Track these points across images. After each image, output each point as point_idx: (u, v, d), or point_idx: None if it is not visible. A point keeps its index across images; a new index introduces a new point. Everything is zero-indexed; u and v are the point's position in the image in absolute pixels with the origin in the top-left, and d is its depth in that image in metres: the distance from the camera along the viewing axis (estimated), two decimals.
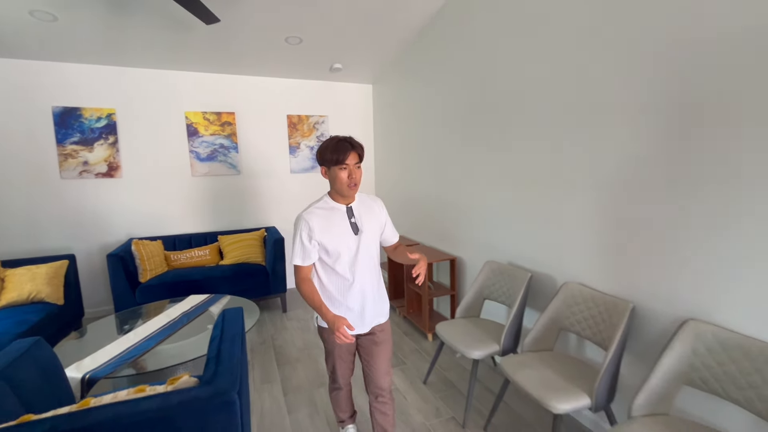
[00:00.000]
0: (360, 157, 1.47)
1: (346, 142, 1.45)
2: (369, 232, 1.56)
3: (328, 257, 1.50)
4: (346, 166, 1.44)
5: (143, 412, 1.00)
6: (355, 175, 1.46)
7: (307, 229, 1.47)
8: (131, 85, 3.57)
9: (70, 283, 3.03)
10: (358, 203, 1.57)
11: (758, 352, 1.25)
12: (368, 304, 1.57)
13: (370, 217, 1.58)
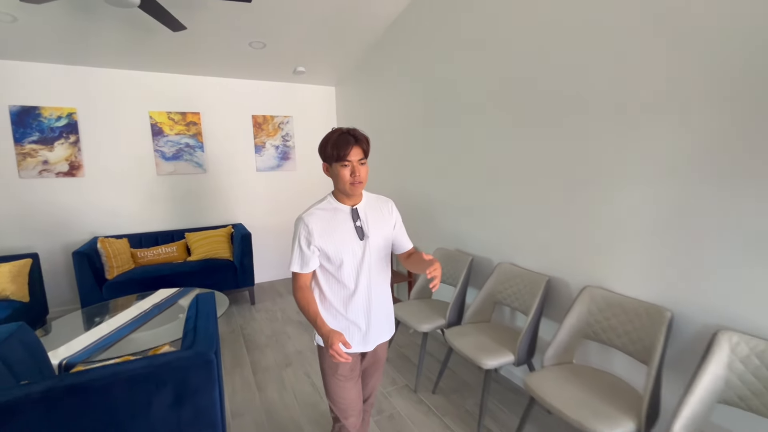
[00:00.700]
0: (365, 152, 1.30)
1: (349, 135, 1.29)
2: (377, 238, 1.38)
3: (330, 264, 1.34)
4: (348, 163, 1.27)
5: (133, 369, 1.19)
6: (359, 172, 1.28)
7: (305, 232, 1.31)
8: (93, 85, 3.59)
9: (34, 282, 3.05)
10: (365, 204, 1.40)
11: (630, 307, 1.63)
12: (374, 318, 1.40)
13: (378, 220, 1.40)
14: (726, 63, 1.29)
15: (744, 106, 1.26)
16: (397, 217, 1.49)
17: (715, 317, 1.40)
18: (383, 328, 1.46)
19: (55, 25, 2.81)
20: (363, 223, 1.37)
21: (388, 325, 1.49)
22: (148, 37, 3.08)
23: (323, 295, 1.38)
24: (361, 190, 1.38)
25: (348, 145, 1.27)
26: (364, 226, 1.37)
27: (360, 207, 1.39)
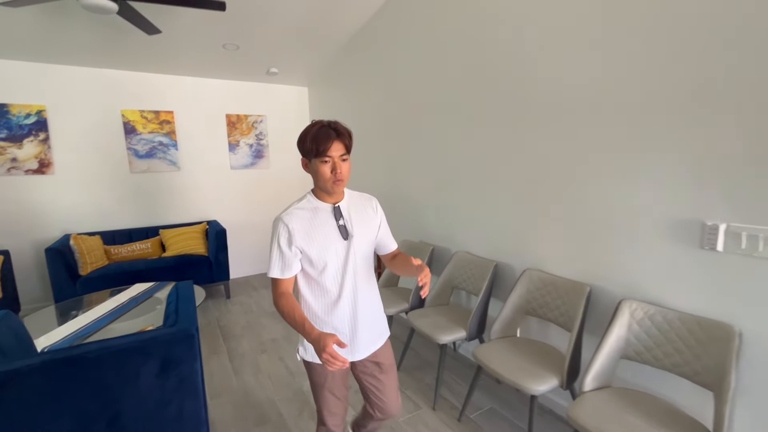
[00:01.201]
0: (347, 147, 1.23)
1: (330, 129, 1.20)
2: (361, 237, 1.30)
3: (312, 268, 1.25)
4: (329, 159, 1.19)
5: (123, 343, 1.35)
6: (340, 169, 1.20)
7: (286, 233, 1.22)
8: (63, 83, 3.60)
9: (6, 278, 3.07)
10: (348, 202, 1.33)
11: (560, 285, 1.91)
12: (361, 324, 1.31)
13: (362, 219, 1.32)
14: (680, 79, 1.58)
15: (649, 115, 1.55)
16: (381, 215, 1.40)
17: (622, 289, 1.69)
18: (373, 334, 1.35)
19: (25, 23, 2.84)
20: (346, 222, 1.28)
21: (378, 330, 1.38)
22: (120, 37, 3.15)
23: (304, 302, 1.29)
24: (343, 188, 1.30)
25: (329, 139, 1.18)
26: (347, 224, 1.28)
27: (342, 205, 1.30)
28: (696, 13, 1.35)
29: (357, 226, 1.30)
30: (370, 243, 1.35)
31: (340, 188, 1.26)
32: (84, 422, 1.29)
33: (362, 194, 1.42)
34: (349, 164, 1.25)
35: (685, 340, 1.45)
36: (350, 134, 1.26)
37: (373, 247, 1.38)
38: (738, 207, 1.31)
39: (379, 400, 1.39)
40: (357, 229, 1.29)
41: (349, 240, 1.27)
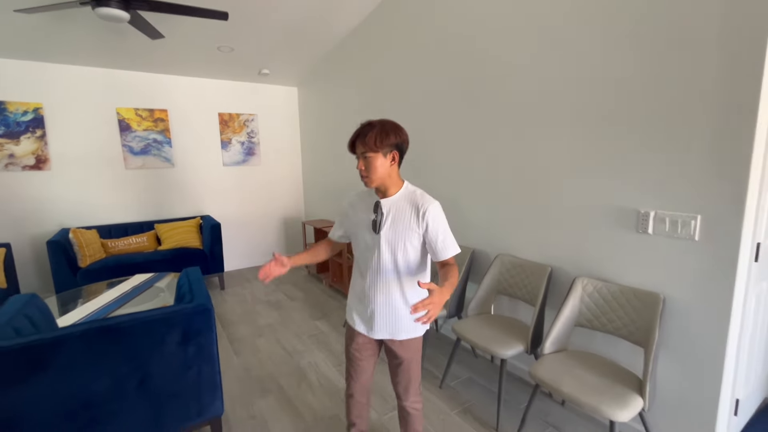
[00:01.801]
0: (366, 146, 1.27)
1: (360, 128, 1.31)
2: (388, 237, 1.33)
3: (353, 241, 1.47)
4: (357, 156, 1.32)
5: (151, 316, 1.56)
6: (359, 166, 1.31)
7: (344, 204, 1.51)
8: (59, 81, 3.71)
9: (9, 270, 3.18)
10: (396, 200, 1.35)
11: (527, 267, 2.20)
12: (378, 312, 1.39)
13: (397, 221, 1.32)
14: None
15: (593, 127, 1.84)
16: (432, 223, 1.31)
17: (576, 268, 1.99)
18: (389, 326, 1.40)
19: (23, 23, 2.95)
20: (381, 218, 1.33)
21: (397, 327, 1.40)
22: (118, 38, 3.29)
23: (354, 261, 1.49)
24: (371, 185, 1.34)
25: (354, 137, 1.31)
26: (380, 221, 1.33)
27: (386, 202, 1.35)
28: (628, 34, 1.65)
29: (388, 227, 1.33)
30: (401, 245, 1.33)
31: (369, 185, 1.34)
32: (119, 382, 1.50)
33: (419, 198, 1.34)
34: (373, 161, 1.28)
35: (624, 307, 1.75)
36: (378, 132, 1.27)
37: (413, 251, 1.35)
38: (663, 197, 1.62)
39: (393, 380, 1.52)
40: (385, 229, 1.33)
41: (378, 235, 1.34)
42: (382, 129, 1.28)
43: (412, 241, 1.34)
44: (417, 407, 1.53)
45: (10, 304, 1.76)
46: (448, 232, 1.35)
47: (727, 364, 1.52)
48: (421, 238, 1.34)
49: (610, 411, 1.45)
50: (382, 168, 1.30)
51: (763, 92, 1.34)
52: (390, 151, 1.30)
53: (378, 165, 1.29)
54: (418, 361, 1.49)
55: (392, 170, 1.34)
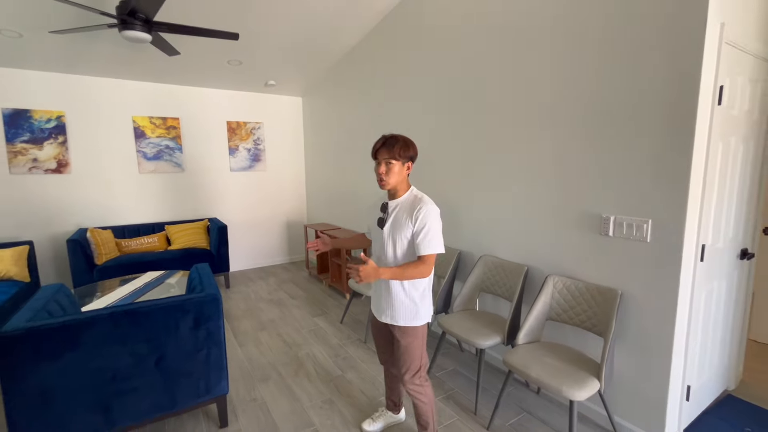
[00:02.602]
0: (390, 154, 1.51)
1: (382, 138, 1.55)
2: (388, 233, 1.59)
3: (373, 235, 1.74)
4: (378, 162, 1.55)
5: (168, 302, 1.78)
6: (380, 170, 1.54)
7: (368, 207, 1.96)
8: (81, 91, 3.99)
9: (32, 265, 3.43)
10: (402, 202, 1.60)
11: (507, 267, 2.40)
12: (383, 298, 1.66)
13: (401, 219, 1.56)
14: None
15: (562, 137, 2.06)
16: (419, 222, 1.51)
17: (549, 267, 2.19)
18: (392, 312, 1.63)
19: (54, 41, 3.24)
20: (387, 217, 1.61)
21: (399, 313, 1.61)
22: (136, 53, 3.57)
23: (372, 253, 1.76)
24: (387, 187, 1.58)
25: (376, 145, 1.56)
26: (386, 219, 1.61)
27: (393, 203, 1.61)
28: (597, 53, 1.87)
29: (392, 224, 1.59)
30: (398, 240, 1.56)
31: (384, 187, 1.58)
32: (139, 360, 1.72)
33: (420, 200, 1.56)
34: (393, 168, 1.53)
35: (588, 302, 1.95)
36: (397, 143, 1.52)
37: (403, 243, 1.56)
38: (621, 204, 1.83)
39: (395, 362, 1.73)
40: (388, 225, 1.60)
41: (383, 230, 1.62)
42: (405, 142, 1.54)
43: (407, 235, 1.55)
44: (419, 396, 1.69)
45: (42, 291, 1.99)
46: (434, 233, 1.52)
47: (675, 353, 1.71)
48: (405, 234, 1.56)
49: (570, 391, 1.65)
50: (399, 174, 1.56)
51: (699, 114, 1.55)
52: (407, 161, 1.57)
53: (396, 171, 1.55)
54: (417, 347, 1.65)
55: (405, 177, 1.60)
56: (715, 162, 1.72)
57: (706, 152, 1.65)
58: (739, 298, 2.18)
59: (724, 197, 1.85)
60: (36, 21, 2.89)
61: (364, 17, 3.34)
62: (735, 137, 1.83)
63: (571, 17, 1.95)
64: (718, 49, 1.58)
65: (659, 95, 1.65)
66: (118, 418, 1.71)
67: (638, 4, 1.68)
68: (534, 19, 2.14)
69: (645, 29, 1.67)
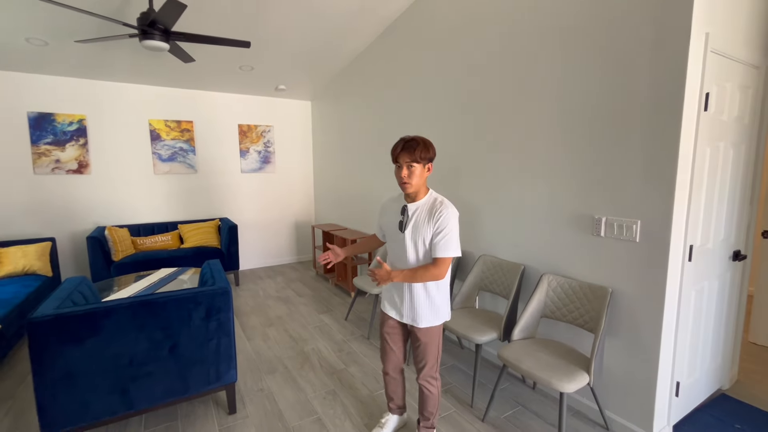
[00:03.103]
0: (412, 157, 1.52)
1: (402, 141, 1.56)
2: (412, 236, 1.60)
3: (388, 237, 1.75)
4: (399, 165, 1.56)
5: (182, 294, 1.91)
6: (402, 173, 1.55)
7: (380, 208, 1.82)
8: (101, 95, 4.19)
9: (54, 260, 3.62)
10: (422, 205, 1.61)
11: (505, 266, 2.49)
12: (404, 299, 1.67)
13: (422, 222, 1.57)
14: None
15: (558, 141, 2.14)
16: (439, 224, 1.53)
17: (544, 266, 2.27)
18: (410, 312, 1.67)
19: (77, 48, 3.43)
20: (406, 220, 1.61)
21: (420, 315, 1.65)
22: (153, 60, 3.74)
23: (388, 256, 1.76)
24: (410, 190, 1.58)
25: (397, 148, 1.55)
26: (406, 222, 1.61)
27: (413, 206, 1.62)
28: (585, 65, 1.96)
29: (412, 227, 1.60)
30: (419, 243, 1.58)
31: (407, 190, 1.58)
32: (154, 346, 1.85)
33: (440, 204, 1.58)
34: (416, 171, 1.54)
35: (581, 300, 2.02)
36: (419, 146, 1.53)
37: (425, 245, 1.58)
38: (612, 205, 1.90)
39: (414, 359, 1.77)
40: (410, 229, 1.60)
41: (403, 233, 1.62)
42: (425, 144, 1.55)
43: (427, 238, 1.57)
44: (430, 388, 1.74)
45: (67, 283, 2.14)
46: (451, 237, 1.54)
47: (663, 349, 1.78)
48: (426, 238, 1.57)
49: (559, 383, 1.72)
50: (420, 176, 1.57)
51: (684, 119, 1.63)
52: (427, 163, 1.58)
53: (418, 174, 1.56)
54: (435, 345, 1.71)
55: (425, 178, 1.61)
56: (702, 166, 1.79)
57: (692, 156, 1.72)
58: (732, 299, 2.23)
59: (713, 200, 1.91)
60: (61, 30, 3.08)
61: (372, 23, 3.46)
62: (724, 142, 1.90)
63: (564, 26, 2.04)
64: (704, 57, 1.65)
65: (646, 102, 1.72)
66: (135, 401, 1.84)
67: (628, 14, 1.76)
68: (529, 27, 2.23)
69: (633, 39, 1.75)
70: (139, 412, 1.88)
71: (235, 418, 2.11)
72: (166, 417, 2.13)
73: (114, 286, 3.23)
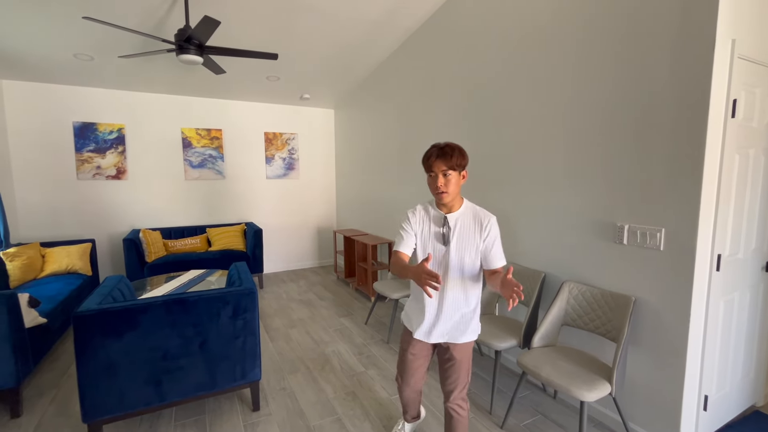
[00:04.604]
0: (449, 165, 1.44)
1: (435, 149, 1.47)
2: (458, 248, 1.50)
3: (421, 252, 1.57)
4: (433, 173, 1.47)
5: (212, 293, 2.02)
6: (440, 182, 1.45)
7: (408, 219, 1.57)
8: (139, 106, 4.45)
9: (93, 260, 3.85)
10: (461, 214, 1.53)
11: (525, 273, 2.48)
12: (443, 318, 1.55)
13: (467, 232, 1.50)
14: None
15: (575, 151, 2.14)
16: (491, 234, 1.50)
17: (565, 274, 2.25)
18: (453, 330, 1.57)
19: (119, 63, 3.67)
20: (450, 231, 1.50)
21: (460, 330, 1.57)
22: (187, 72, 3.96)
23: None
24: (447, 199, 1.49)
25: (430, 156, 1.47)
26: (449, 234, 1.50)
27: (452, 216, 1.52)
28: (601, 76, 1.96)
29: (458, 238, 1.50)
30: (469, 255, 1.51)
31: (443, 199, 1.49)
32: (185, 342, 1.96)
33: (481, 210, 1.55)
34: (452, 179, 1.46)
35: (602, 308, 2.00)
36: (454, 153, 1.45)
37: (475, 259, 1.52)
38: (635, 213, 1.88)
39: (443, 380, 1.65)
40: (457, 240, 1.50)
41: (447, 246, 1.51)
42: (460, 151, 1.48)
43: (475, 248, 1.51)
44: (460, 411, 1.63)
45: (107, 281, 2.29)
46: (501, 245, 1.53)
47: (690, 361, 1.74)
48: (478, 247, 1.51)
49: (579, 392, 1.71)
50: (457, 184, 1.49)
51: (710, 127, 1.61)
52: (462, 170, 1.50)
53: (455, 182, 1.48)
54: (468, 362, 1.61)
55: (460, 187, 1.52)
56: (731, 173, 1.75)
57: (719, 163, 1.69)
58: (766, 311, 2.14)
59: (743, 208, 1.86)
60: (106, 46, 3.31)
61: (395, 33, 3.55)
62: (754, 149, 1.85)
63: (586, 33, 2.05)
64: (730, 64, 1.63)
65: (670, 109, 1.71)
66: (167, 393, 1.95)
67: (651, 21, 1.76)
68: (550, 34, 2.24)
69: (656, 46, 1.74)
70: (170, 404, 1.99)
71: (259, 415, 2.19)
72: (195, 411, 2.23)
73: (147, 285, 3.41)
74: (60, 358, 2.90)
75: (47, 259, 3.52)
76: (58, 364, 2.80)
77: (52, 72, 3.78)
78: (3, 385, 2.13)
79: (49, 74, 3.83)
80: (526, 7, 2.40)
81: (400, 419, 2.01)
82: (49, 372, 2.68)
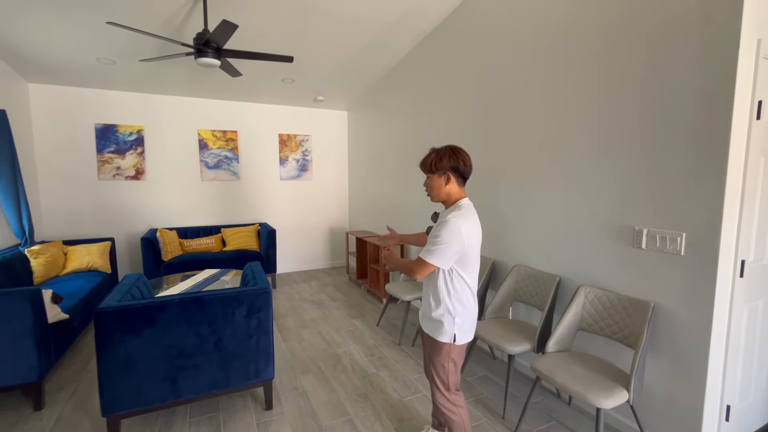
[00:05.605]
0: (425, 168, 1.57)
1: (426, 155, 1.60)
2: None
3: None
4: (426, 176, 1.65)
5: (227, 292, 2.04)
6: (425, 183, 1.62)
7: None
8: (157, 108, 4.55)
9: (113, 258, 3.95)
10: (444, 215, 1.56)
11: (539, 276, 2.45)
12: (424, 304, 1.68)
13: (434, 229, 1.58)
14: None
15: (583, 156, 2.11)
16: (435, 230, 1.51)
17: (580, 278, 2.21)
18: (423, 319, 1.68)
19: (141, 67, 3.77)
20: (433, 227, 1.58)
21: (426, 323, 1.65)
22: (204, 75, 4.03)
23: None
24: (433, 200, 1.61)
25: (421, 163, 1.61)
26: (432, 228, 1.58)
27: (443, 213, 1.60)
28: (618, 83, 1.92)
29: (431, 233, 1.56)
30: None
31: (432, 200, 1.61)
32: (201, 340, 1.99)
33: (450, 213, 1.52)
34: (432, 182, 1.57)
35: (620, 313, 1.96)
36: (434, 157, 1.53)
37: None
38: (655, 217, 1.84)
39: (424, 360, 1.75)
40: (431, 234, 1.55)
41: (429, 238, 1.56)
42: (437, 154, 1.53)
43: None
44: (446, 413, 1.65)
45: (126, 278, 2.35)
46: (438, 246, 1.45)
47: (711, 370, 1.69)
48: None
49: (595, 398, 1.68)
50: (439, 187, 1.55)
51: (734, 128, 1.56)
52: (444, 172, 1.52)
53: (435, 184, 1.56)
54: (436, 363, 1.61)
55: (449, 189, 1.55)
56: (756, 176, 1.70)
57: (743, 167, 1.64)
58: None
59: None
60: (128, 50, 3.40)
61: (409, 36, 3.55)
62: None
63: (606, 33, 2.02)
64: (755, 64, 1.58)
65: (693, 110, 1.67)
66: (183, 390, 1.98)
67: (674, 21, 1.73)
68: (569, 36, 2.22)
69: (678, 46, 1.71)
70: (186, 401, 2.02)
71: (272, 414, 2.21)
72: (209, 408, 2.26)
73: (164, 284, 3.48)
74: (80, 353, 2.98)
75: (69, 256, 3.62)
76: (78, 359, 2.88)
77: (75, 75, 3.90)
78: (26, 379, 2.20)
79: (73, 78, 3.95)
80: (544, 9, 2.38)
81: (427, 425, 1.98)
82: (69, 367, 2.76)
